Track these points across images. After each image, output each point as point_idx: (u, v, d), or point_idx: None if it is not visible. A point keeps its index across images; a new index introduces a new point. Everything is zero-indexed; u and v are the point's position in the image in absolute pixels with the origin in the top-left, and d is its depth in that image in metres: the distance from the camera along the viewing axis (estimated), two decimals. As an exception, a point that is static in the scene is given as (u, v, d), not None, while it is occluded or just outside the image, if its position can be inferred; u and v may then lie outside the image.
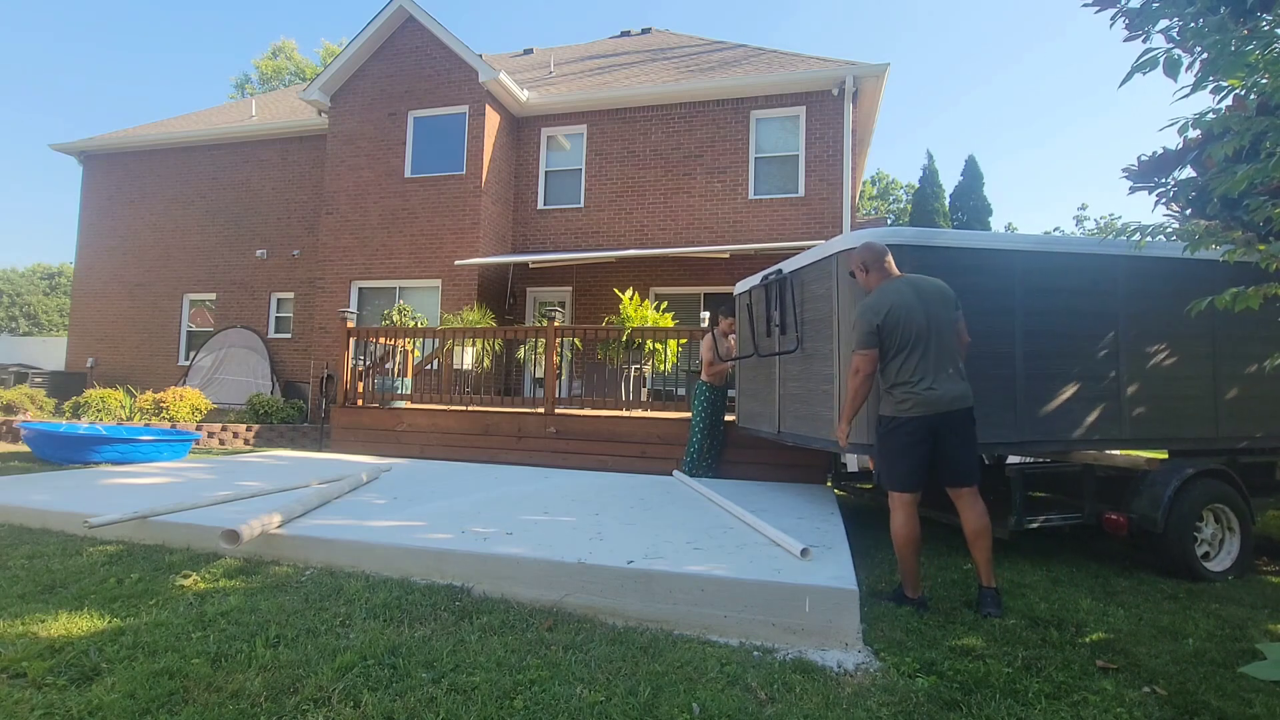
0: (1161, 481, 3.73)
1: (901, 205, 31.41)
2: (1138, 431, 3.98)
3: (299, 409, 10.34)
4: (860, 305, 3.12)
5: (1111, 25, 3.06)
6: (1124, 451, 4.35)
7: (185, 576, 2.88)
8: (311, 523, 3.45)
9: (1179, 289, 3.79)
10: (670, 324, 7.50)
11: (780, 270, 4.53)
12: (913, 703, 2.05)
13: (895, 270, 3.16)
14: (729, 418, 5.82)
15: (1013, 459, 4.60)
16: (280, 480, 4.75)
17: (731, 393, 5.82)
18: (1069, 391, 3.88)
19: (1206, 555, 3.78)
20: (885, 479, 3.09)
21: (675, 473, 5.57)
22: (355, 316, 7.90)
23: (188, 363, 12.91)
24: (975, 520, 2.96)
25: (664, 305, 8.25)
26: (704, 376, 5.72)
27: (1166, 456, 4.19)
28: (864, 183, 27.60)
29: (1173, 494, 3.65)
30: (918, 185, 17.02)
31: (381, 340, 7.71)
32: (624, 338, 7.01)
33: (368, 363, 7.64)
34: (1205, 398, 4.11)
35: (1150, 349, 4.04)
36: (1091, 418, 3.91)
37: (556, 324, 7.01)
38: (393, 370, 7.74)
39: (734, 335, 5.67)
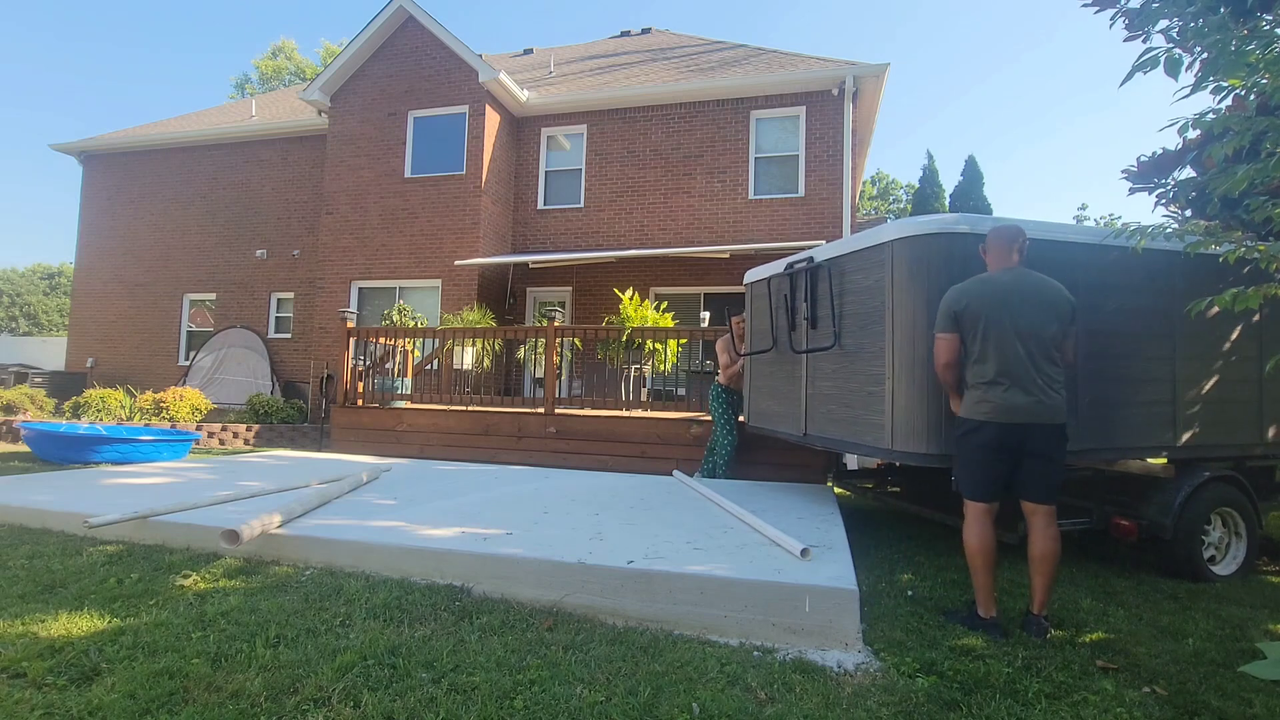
0: (1172, 487, 3.68)
1: (902, 205, 31.40)
2: (1191, 438, 3.79)
3: (299, 409, 10.34)
4: (952, 287, 2.95)
5: (1111, 25, 3.07)
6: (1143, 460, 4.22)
7: (185, 576, 2.88)
8: (312, 523, 3.45)
9: (1232, 288, 3.63)
10: (670, 324, 7.48)
11: (812, 258, 4.23)
12: (913, 703, 2.05)
13: (1009, 261, 2.88)
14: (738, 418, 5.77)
15: None
16: (280, 480, 4.75)
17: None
18: (1130, 395, 3.68)
19: (1213, 559, 3.76)
20: (959, 484, 2.93)
21: (675, 472, 5.56)
22: (355, 316, 7.89)
23: (188, 363, 12.91)
24: (1043, 543, 2.73)
25: (664, 305, 8.24)
26: (721, 380, 5.67)
27: (1165, 461, 4.14)
28: (864, 183, 27.61)
29: (1183, 500, 3.60)
30: (918, 185, 16.99)
31: (381, 340, 7.71)
32: (624, 338, 6.99)
33: (368, 363, 7.64)
34: (1251, 402, 3.94)
35: (1204, 351, 3.87)
36: (1149, 424, 3.72)
37: (556, 324, 7.01)
38: (393, 370, 7.74)
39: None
